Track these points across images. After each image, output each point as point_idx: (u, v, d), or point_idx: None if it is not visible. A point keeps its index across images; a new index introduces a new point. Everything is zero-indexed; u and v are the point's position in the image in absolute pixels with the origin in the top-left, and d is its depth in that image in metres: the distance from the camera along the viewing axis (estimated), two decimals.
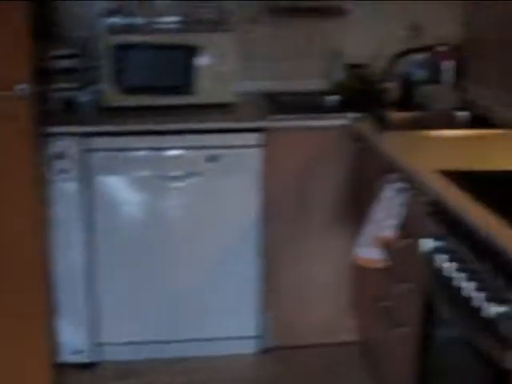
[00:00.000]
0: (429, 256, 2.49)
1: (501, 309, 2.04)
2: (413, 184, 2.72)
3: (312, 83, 3.99)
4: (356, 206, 3.47)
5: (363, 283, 3.52)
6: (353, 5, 4.00)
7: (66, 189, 3.39)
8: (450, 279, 2.30)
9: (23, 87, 3.00)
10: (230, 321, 3.64)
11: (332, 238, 3.61)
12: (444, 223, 2.43)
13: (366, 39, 4.04)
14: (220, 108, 3.62)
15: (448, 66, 3.92)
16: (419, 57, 3.97)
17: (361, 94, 3.83)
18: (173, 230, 3.53)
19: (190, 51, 3.59)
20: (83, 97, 3.59)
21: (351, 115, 3.51)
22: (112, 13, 3.77)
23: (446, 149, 2.99)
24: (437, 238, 2.45)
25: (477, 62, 3.93)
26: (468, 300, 2.17)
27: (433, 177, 2.57)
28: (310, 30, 4.03)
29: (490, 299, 2.07)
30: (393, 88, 3.76)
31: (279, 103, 3.77)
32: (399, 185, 2.80)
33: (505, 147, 2.99)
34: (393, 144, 3.08)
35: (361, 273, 3.47)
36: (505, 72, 3.68)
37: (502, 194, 2.40)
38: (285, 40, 4.01)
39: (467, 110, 3.70)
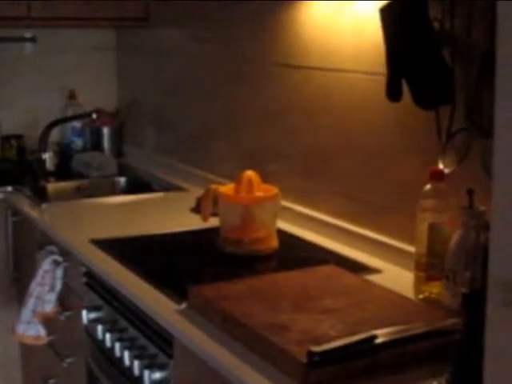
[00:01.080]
0: (89, 328, 2.44)
1: (157, 375, 2.03)
2: (68, 255, 2.66)
3: None
4: (19, 282, 3.33)
5: (31, 362, 3.37)
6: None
7: None
8: (110, 350, 2.26)
9: None
10: None
11: None
12: (100, 293, 2.40)
13: (22, 109, 3.94)
14: None
15: (106, 133, 3.95)
16: (77, 124, 3.95)
17: (17, 165, 3.73)
18: None
19: None
20: None
21: (7, 188, 3.38)
22: None
23: (104, 217, 2.96)
24: (95, 309, 2.41)
25: (134, 128, 3.99)
26: (129, 369, 2.14)
27: (86, 247, 2.52)
28: None
29: (146, 366, 2.06)
30: (50, 158, 3.69)
31: None
32: (56, 257, 2.73)
33: (160, 210, 3.02)
34: (50, 215, 3.00)
35: (28, 351, 3.32)
36: (158, 136, 3.78)
37: (153, 260, 2.42)
38: None
39: (127, 175, 3.72)
